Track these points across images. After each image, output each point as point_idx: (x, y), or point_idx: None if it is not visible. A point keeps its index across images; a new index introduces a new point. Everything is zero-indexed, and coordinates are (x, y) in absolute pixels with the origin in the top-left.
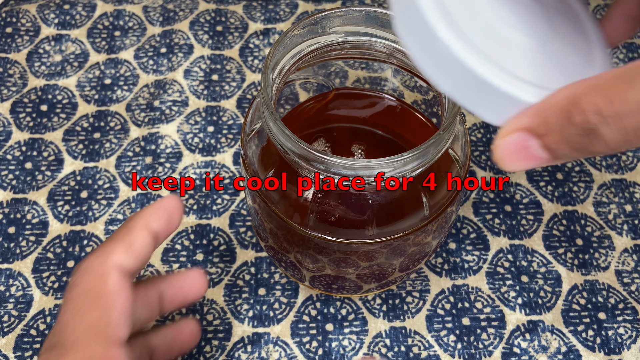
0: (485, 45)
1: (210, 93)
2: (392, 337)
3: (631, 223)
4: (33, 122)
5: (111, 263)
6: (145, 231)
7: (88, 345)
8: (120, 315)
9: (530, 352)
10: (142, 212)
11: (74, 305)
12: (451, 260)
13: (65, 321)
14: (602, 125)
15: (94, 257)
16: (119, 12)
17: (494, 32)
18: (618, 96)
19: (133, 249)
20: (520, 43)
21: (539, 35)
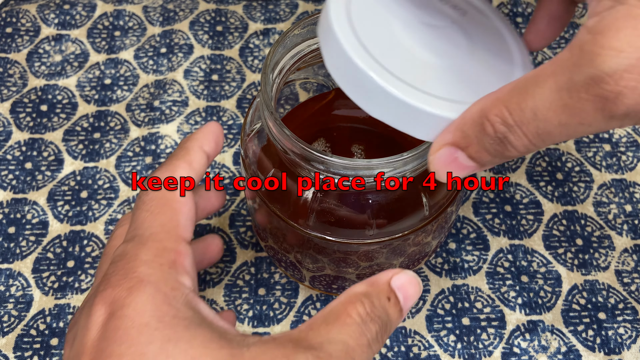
0: (405, 71)
1: (210, 93)
2: (392, 337)
3: (631, 223)
4: (33, 122)
5: (177, 176)
6: (202, 152)
7: (162, 239)
8: (187, 219)
9: (530, 352)
10: (195, 136)
11: (149, 207)
12: (451, 260)
13: (141, 219)
14: (509, 134)
15: (161, 171)
16: (119, 12)
17: (413, 58)
18: (516, 107)
19: (193, 167)
20: (438, 64)
21: (457, 54)
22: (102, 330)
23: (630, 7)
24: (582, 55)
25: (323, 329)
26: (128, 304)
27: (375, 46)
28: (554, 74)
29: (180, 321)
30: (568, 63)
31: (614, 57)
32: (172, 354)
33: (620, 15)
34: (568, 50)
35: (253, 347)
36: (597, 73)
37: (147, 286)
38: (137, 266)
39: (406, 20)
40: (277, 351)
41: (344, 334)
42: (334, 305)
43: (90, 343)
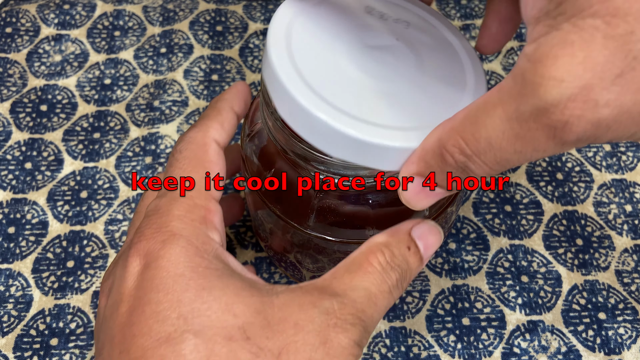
0: (356, 105)
1: (210, 93)
2: (392, 337)
3: (631, 223)
4: (33, 122)
5: (210, 136)
6: (232, 112)
7: (193, 196)
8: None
9: (530, 352)
10: (225, 96)
11: (182, 165)
12: (451, 260)
13: (174, 176)
14: (469, 163)
15: (194, 130)
16: (119, 12)
17: (362, 89)
18: (471, 137)
19: (224, 127)
20: (388, 90)
21: (406, 74)
22: (138, 280)
23: (565, 33)
24: (525, 85)
25: (346, 277)
26: (162, 255)
27: (322, 84)
28: (502, 103)
29: (213, 271)
30: (513, 92)
31: (555, 87)
32: (206, 300)
33: (557, 42)
34: (512, 79)
35: (282, 295)
36: (542, 104)
37: (179, 239)
38: (169, 220)
39: (350, 47)
40: (305, 298)
41: (366, 281)
42: (356, 256)
43: (128, 292)
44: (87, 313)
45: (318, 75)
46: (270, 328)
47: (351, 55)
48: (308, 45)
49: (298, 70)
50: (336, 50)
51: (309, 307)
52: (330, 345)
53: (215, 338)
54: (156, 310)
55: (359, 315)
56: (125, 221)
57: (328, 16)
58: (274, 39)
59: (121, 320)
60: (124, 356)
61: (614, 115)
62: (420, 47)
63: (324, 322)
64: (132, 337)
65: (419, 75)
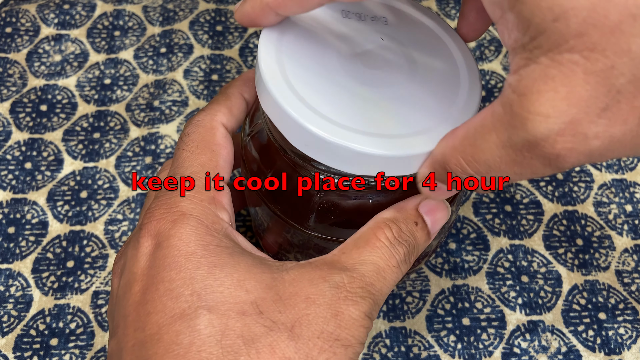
0: (353, 117)
1: (210, 93)
2: (392, 337)
3: (631, 223)
4: (33, 122)
5: (218, 120)
6: (241, 98)
7: (201, 178)
8: (225, 162)
9: (530, 352)
10: (235, 83)
11: (190, 147)
12: (451, 260)
13: (182, 158)
14: (471, 180)
15: (202, 114)
16: (119, 12)
17: (358, 100)
18: (471, 159)
19: (232, 112)
20: (384, 96)
21: (398, 74)
22: (151, 259)
23: (545, 68)
24: (514, 117)
25: (355, 252)
26: (173, 234)
27: (313, 96)
28: (495, 129)
29: (224, 249)
30: (504, 121)
31: (542, 123)
32: (219, 277)
33: (538, 77)
34: (501, 106)
35: (292, 271)
36: (532, 138)
37: (189, 219)
38: (179, 201)
39: (338, 55)
40: (315, 273)
41: (375, 255)
42: (364, 231)
43: (141, 271)
44: (87, 313)
45: (309, 87)
46: (282, 302)
47: (340, 64)
48: (298, 60)
49: (289, 83)
50: (325, 61)
51: (319, 281)
52: (342, 317)
53: (229, 313)
54: (169, 287)
55: (368, 289)
56: (125, 221)
57: (312, 28)
58: (264, 58)
59: (135, 299)
60: (139, 333)
61: (605, 145)
62: (406, 42)
63: (335, 295)
64: (146, 315)
65: (411, 75)
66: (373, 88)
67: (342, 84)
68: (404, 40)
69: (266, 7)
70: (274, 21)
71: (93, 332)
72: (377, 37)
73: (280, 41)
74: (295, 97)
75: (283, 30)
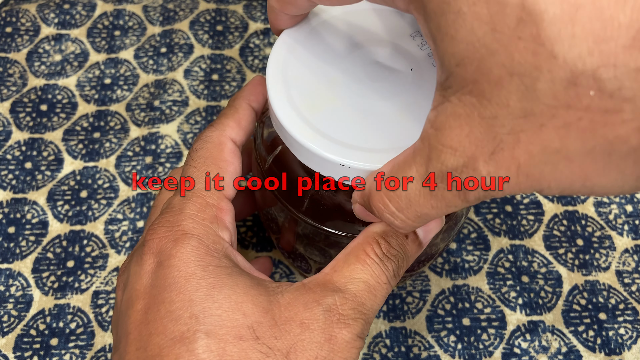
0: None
1: (211, 93)
2: (392, 338)
3: (632, 223)
4: (33, 121)
5: (226, 135)
6: (249, 109)
7: (206, 195)
8: (231, 177)
9: (530, 352)
10: (242, 93)
11: (196, 164)
12: (451, 260)
13: (189, 174)
14: (393, 219)
15: (211, 129)
16: (119, 12)
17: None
18: (393, 195)
19: (241, 125)
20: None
21: (401, 97)
22: (152, 278)
23: (454, 106)
24: (431, 149)
25: (346, 270)
26: (174, 254)
27: (312, 111)
28: (416, 163)
29: (223, 270)
30: (423, 154)
31: (452, 155)
32: (217, 299)
33: (449, 113)
34: (421, 140)
35: (287, 294)
36: (444, 168)
37: (191, 238)
38: (182, 219)
39: (344, 70)
40: (308, 296)
41: (365, 273)
42: (354, 246)
43: (143, 289)
44: (87, 313)
45: (309, 101)
46: (278, 328)
47: (345, 79)
48: (302, 73)
49: (291, 98)
50: (330, 76)
51: (313, 305)
52: (335, 341)
53: (226, 337)
54: (170, 309)
55: (360, 309)
56: (125, 221)
57: (325, 40)
58: (272, 69)
59: (137, 317)
60: (141, 353)
61: None
62: (413, 59)
63: (328, 319)
64: (148, 335)
65: (412, 90)
66: (373, 101)
67: (340, 96)
68: (413, 57)
69: (275, 11)
70: (288, 22)
71: (93, 332)
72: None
73: (289, 56)
74: (298, 118)
75: (294, 45)
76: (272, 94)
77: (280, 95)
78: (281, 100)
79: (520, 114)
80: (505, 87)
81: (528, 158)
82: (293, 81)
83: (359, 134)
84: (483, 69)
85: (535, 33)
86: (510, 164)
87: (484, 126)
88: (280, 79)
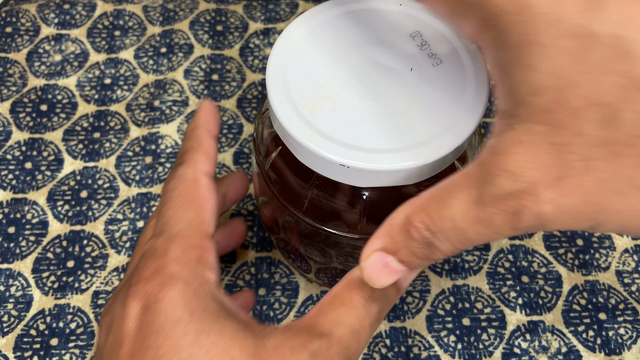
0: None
1: (211, 93)
2: (392, 338)
3: None
4: (33, 122)
5: (200, 171)
6: (210, 137)
7: (189, 236)
8: (211, 215)
9: (530, 352)
10: (198, 122)
11: (175, 204)
12: (451, 260)
13: (168, 215)
14: (433, 239)
15: (183, 167)
16: (119, 12)
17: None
18: (436, 215)
19: (209, 156)
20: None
21: (404, 97)
22: (138, 323)
23: (518, 134)
24: (486, 174)
25: (330, 314)
26: (161, 299)
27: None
28: (466, 187)
29: (209, 314)
30: (476, 179)
31: (510, 180)
32: (204, 344)
33: (511, 140)
34: (475, 167)
35: (273, 338)
36: (500, 193)
37: (177, 282)
38: (167, 263)
39: (349, 67)
40: (295, 340)
41: (350, 317)
42: (338, 290)
43: (129, 333)
44: (87, 313)
45: (309, 102)
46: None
47: (345, 79)
48: (302, 73)
49: (291, 98)
50: (330, 76)
51: (300, 349)
52: None
53: None
54: (157, 354)
55: (345, 354)
56: (125, 221)
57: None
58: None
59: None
60: None
61: (555, 213)
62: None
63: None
64: None
65: (412, 90)
66: (372, 101)
67: (341, 94)
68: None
69: None
70: None
71: (93, 332)
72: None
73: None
74: (298, 118)
75: (294, 45)
76: (272, 94)
77: (280, 96)
78: (281, 101)
79: (596, 142)
80: (583, 117)
81: (597, 185)
82: (293, 81)
83: (359, 135)
84: (560, 99)
85: (628, 69)
86: (576, 190)
87: (553, 153)
88: (280, 79)
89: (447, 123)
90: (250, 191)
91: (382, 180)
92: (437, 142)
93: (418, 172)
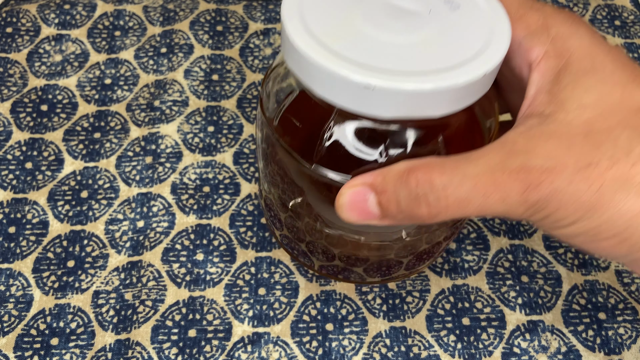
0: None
1: (211, 93)
2: (392, 337)
3: None
4: (33, 122)
5: None
6: None
7: None
8: None
9: (530, 352)
10: None
11: None
12: (451, 260)
13: None
14: (430, 193)
15: None
16: (119, 12)
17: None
18: (448, 169)
19: None
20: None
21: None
22: None
23: (556, 125)
24: (514, 148)
25: None
26: None
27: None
28: (489, 155)
29: None
30: (502, 151)
31: (541, 158)
32: None
33: (547, 130)
34: (499, 143)
35: None
36: (528, 164)
37: None
38: None
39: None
40: None
41: None
42: None
43: None
44: (88, 313)
45: (328, 33)
46: None
47: (363, 18)
48: (320, 13)
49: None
50: (347, 15)
51: None
52: None
53: None
54: None
55: None
56: (126, 221)
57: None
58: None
59: None
60: None
61: (569, 192)
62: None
63: None
64: None
65: (431, 27)
66: (393, 35)
67: (363, 33)
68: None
69: None
70: None
71: (93, 332)
72: None
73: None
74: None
75: None
76: (288, 27)
77: (298, 29)
78: (299, 32)
79: (625, 151)
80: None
81: (612, 180)
82: (310, 14)
83: (384, 60)
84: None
85: None
86: (596, 180)
87: (589, 145)
88: (296, 13)
89: (474, 52)
90: (250, 191)
91: (409, 108)
92: (467, 67)
93: (449, 97)
